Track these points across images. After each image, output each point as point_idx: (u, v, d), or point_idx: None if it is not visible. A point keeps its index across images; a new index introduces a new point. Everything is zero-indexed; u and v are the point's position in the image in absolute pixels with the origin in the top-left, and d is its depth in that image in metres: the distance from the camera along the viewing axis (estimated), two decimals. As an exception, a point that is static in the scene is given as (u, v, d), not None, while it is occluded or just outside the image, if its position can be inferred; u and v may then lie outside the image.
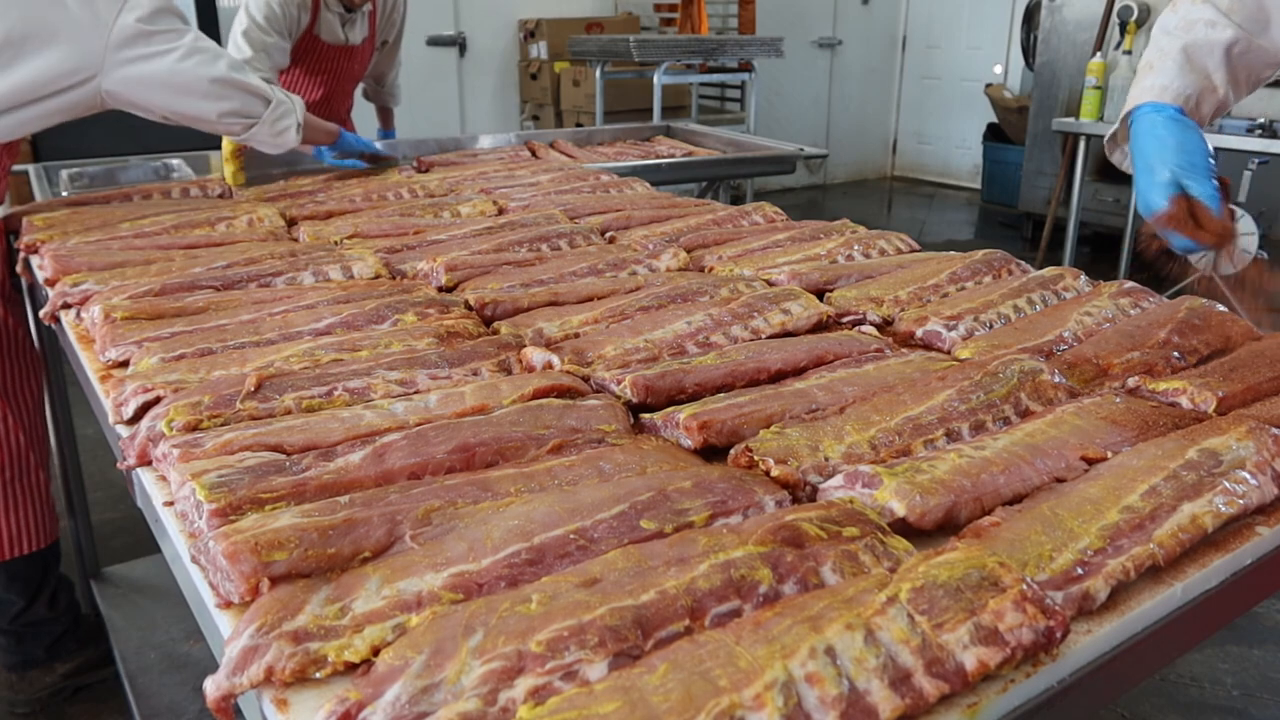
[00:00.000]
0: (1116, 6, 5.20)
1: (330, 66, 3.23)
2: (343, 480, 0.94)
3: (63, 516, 2.54)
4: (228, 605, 0.80)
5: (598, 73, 6.03)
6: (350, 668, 0.72)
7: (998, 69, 8.27)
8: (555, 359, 1.27)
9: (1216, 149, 5.42)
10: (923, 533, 0.91)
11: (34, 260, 1.77)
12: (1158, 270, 1.56)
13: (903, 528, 0.90)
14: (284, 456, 0.98)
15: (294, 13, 2.95)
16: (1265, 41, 1.48)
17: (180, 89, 1.90)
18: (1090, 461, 1.03)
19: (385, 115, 3.81)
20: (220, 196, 2.27)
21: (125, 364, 1.29)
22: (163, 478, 1.01)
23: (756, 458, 1.01)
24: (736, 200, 5.65)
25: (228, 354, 1.27)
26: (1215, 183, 1.37)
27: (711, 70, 6.26)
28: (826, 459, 1.02)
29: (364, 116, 3.70)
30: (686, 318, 1.41)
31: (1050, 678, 0.76)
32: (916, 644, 0.71)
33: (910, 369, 1.26)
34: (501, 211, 2.18)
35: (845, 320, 1.50)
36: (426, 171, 2.78)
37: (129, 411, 1.14)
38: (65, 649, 2.34)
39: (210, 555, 0.81)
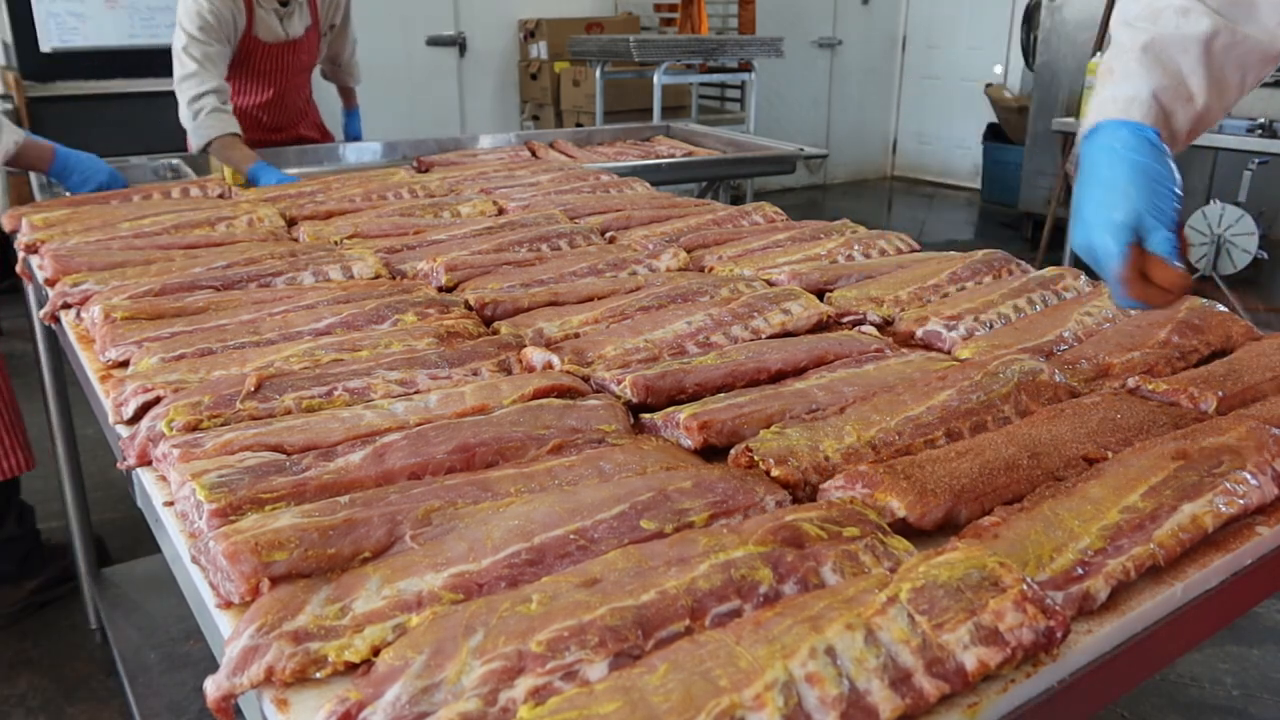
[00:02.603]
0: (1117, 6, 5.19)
1: (275, 65, 3.13)
2: (343, 480, 0.94)
3: (63, 517, 2.55)
4: (228, 605, 0.80)
5: (598, 73, 6.03)
6: (350, 668, 0.72)
7: (998, 69, 8.27)
8: (555, 359, 1.27)
9: (1216, 149, 5.40)
10: (923, 533, 0.91)
11: (34, 260, 1.77)
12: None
13: (903, 528, 0.90)
14: (284, 456, 0.98)
15: (228, 16, 2.87)
16: (1253, 29, 1.15)
17: None
18: (1090, 461, 1.03)
19: (347, 95, 3.72)
20: (220, 196, 2.27)
21: (125, 364, 1.29)
22: (163, 478, 1.01)
23: (756, 458, 1.01)
24: (736, 200, 5.65)
25: (228, 354, 1.27)
26: (1174, 233, 1.07)
27: (711, 70, 6.25)
28: (826, 459, 1.02)
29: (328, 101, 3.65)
30: (686, 318, 1.41)
31: (1050, 678, 0.76)
32: (917, 644, 0.71)
33: (910, 369, 1.26)
34: (501, 211, 2.18)
35: (845, 320, 1.50)
36: (426, 171, 2.78)
37: (129, 411, 1.14)
38: (32, 566, 2.58)
39: (210, 555, 0.81)
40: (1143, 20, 1.17)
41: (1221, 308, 1.47)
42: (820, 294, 1.59)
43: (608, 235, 1.99)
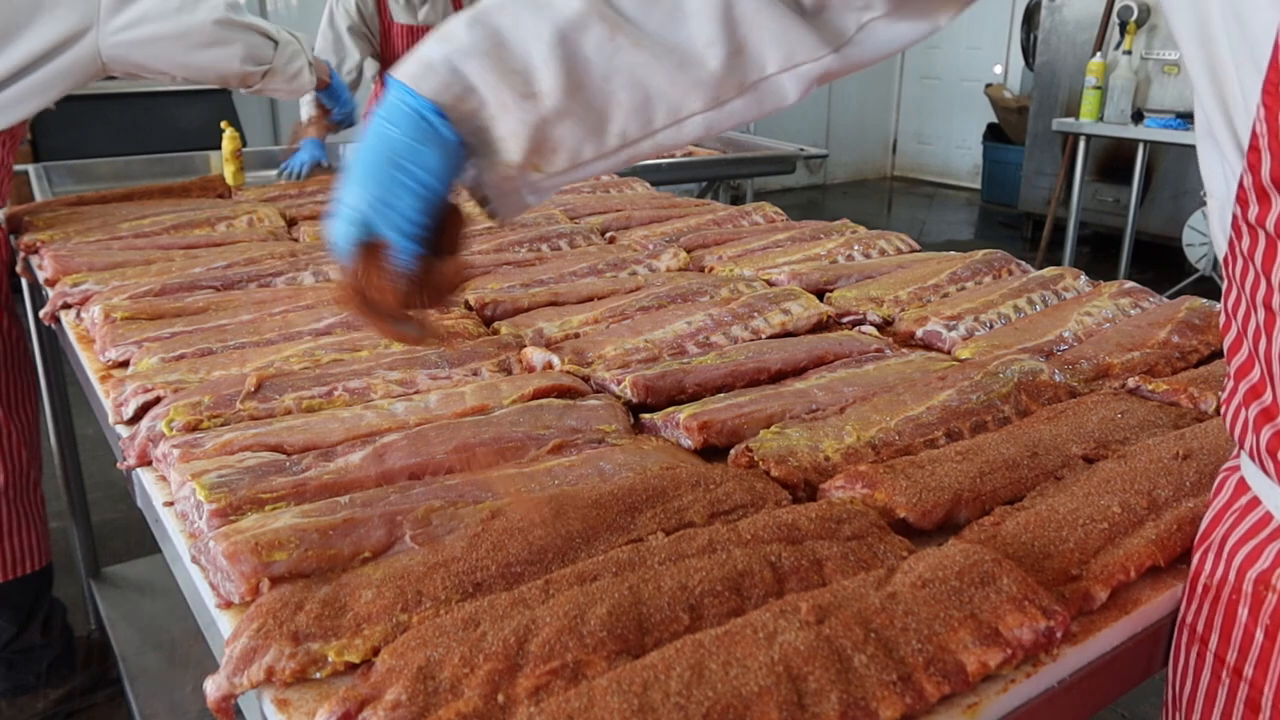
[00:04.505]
0: (1116, 6, 5.20)
1: (404, 46, 3.32)
2: (343, 480, 0.94)
3: (63, 517, 2.54)
4: (228, 605, 0.80)
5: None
6: (350, 668, 0.72)
7: (998, 69, 8.27)
8: (555, 359, 1.27)
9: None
10: (923, 533, 0.91)
11: (34, 260, 1.77)
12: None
13: (903, 528, 0.90)
14: (284, 456, 0.98)
15: (369, 7, 3.17)
16: (663, 45, 0.81)
17: (186, 42, 1.84)
18: (1090, 461, 1.03)
19: None
20: (220, 196, 2.27)
21: (125, 364, 1.29)
22: (163, 478, 1.01)
23: (756, 458, 1.01)
24: (736, 200, 5.64)
25: (228, 354, 1.27)
26: (421, 231, 0.78)
27: (711, 70, 6.24)
28: (826, 459, 1.02)
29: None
30: (686, 318, 1.41)
31: (1050, 678, 0.76)
32: (916, 644, 0.71)
33: (910, 369, 1.26)
34: (501, 211, 2.18)
35: (845, 320, 1.50)
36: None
37: (129, 411, 1.14)
38: (58, 675, 2.29)
39: (210, 555, 0.81)
40: None
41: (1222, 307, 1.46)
42: (820, 294, 1.59)
43: (608, 235, 1.99)
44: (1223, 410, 0.77)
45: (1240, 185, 0.65)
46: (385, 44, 3.28)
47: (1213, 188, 0.70)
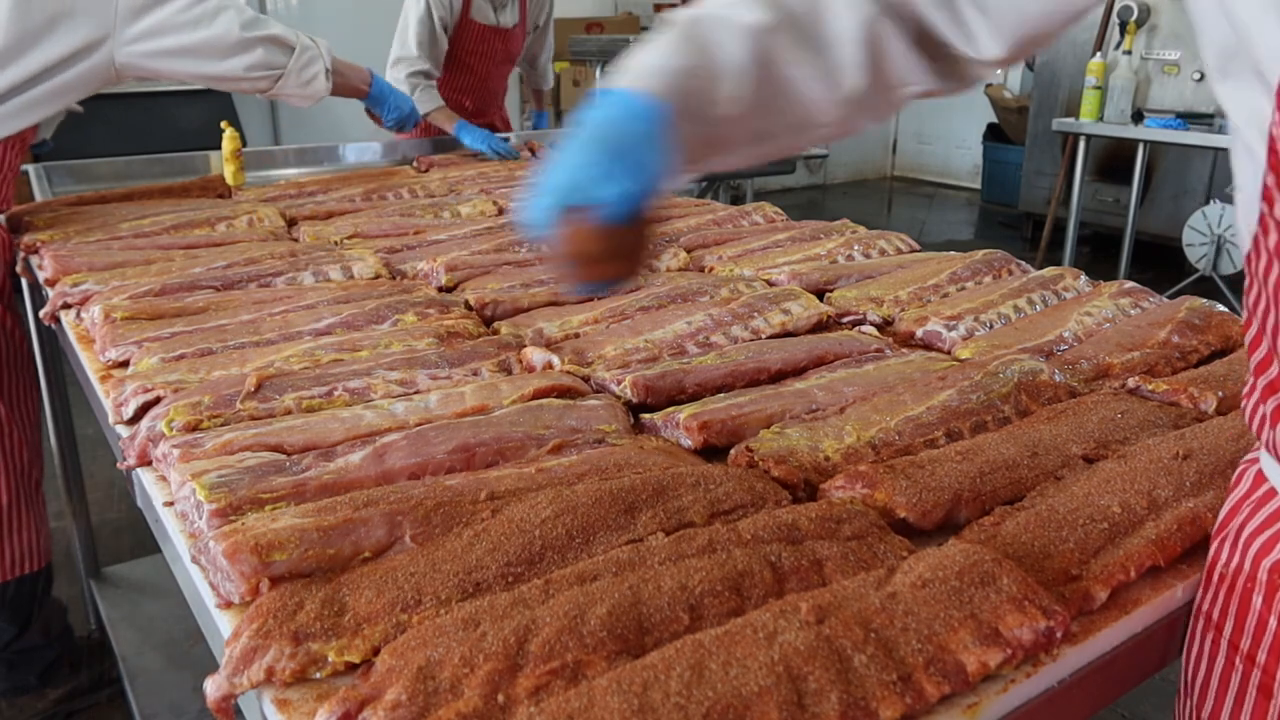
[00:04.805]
0: (1116, 6, 5.19)
1: (483, 50, 3.43)
2: (343, 480, 0.94)
3: (63, 517, 2.54)
4: (228, 605, 0.80)
5: (598, 73, 6.02)
6: (350, 668, 0.72)
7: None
8: (555, 359, 1.27)
9: (1216, 149, 5.37)
10: (923, 533, 0.91)
11: (34, 260, 1.77)
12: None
13: (903, 528, 0.90)
14: (284, 456, 0.98)
15: (454, 3, 3.26)
16: (819, 60, 0.95)
17: (202, 54, 1.84)
18: (1090, 461, 1.03)
19: (538, 96, 4.05)
20: (220, 196, 2.27)
21: (125, 364, 1.29)
22: (163, 478, 1.01)
23: (757, 458, 1.01)
24: (736, 200, 5.64)
25: (228, 354, 1.27)
26: (633, 204, 0.87)
27: (711, 70, 6.24)
28: (826, 459, 1.02)
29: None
30: (687, 318, 1.41)
31: (1050, 678, 0.76)
32: (916, 644, 0.71)
33: (910, 369, 1.26)
34: (501, 211, 2.18)
35: (845, 320, 1.50)
36: (426, 171, 2.78)
37: (129, 411, 1.14)
38: (58, 675, 2.28)
39: (210, 555, 0.81)
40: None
41: (1221, 308, 1.46)
42: (820, 294, 1.59)
43: (608, 235, 1.99)
44: (1242, 404, 0.80)
45: (1264, 183, 0.67)
46: (458, 41, 3.36)
47: (1241, 182, 0.72)
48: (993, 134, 7.67)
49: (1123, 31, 5.05)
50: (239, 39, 1.88)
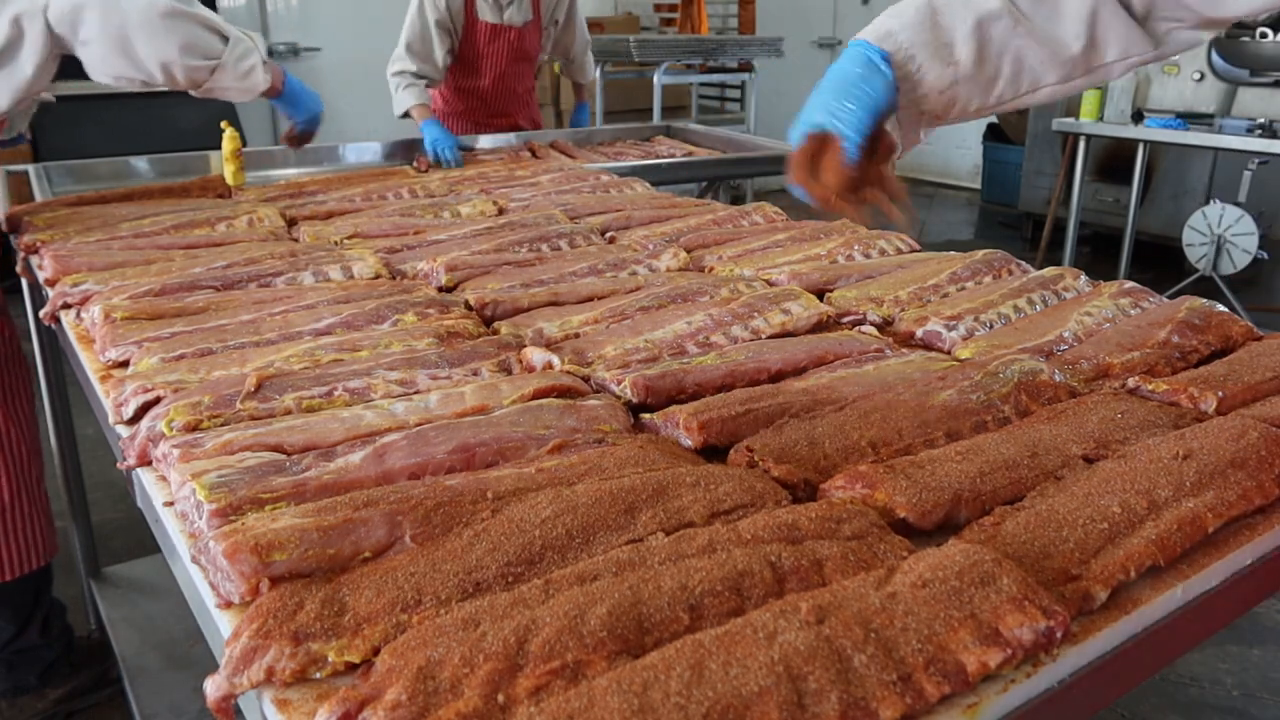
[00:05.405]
0: (1116, 6, 5.19)
1: (496, 49, 3.43)
2: (343, 480, 0.94)
3: (63, 517, 2.54)
4: (228, 605, 0.80)
5: (598, 73, 6.03)
6: (350, 668, 0.72)
7: (998, 69, 8.26)
8: (555, 359, 1.27)
9: (1216, 149, 5.37)
10: (923, 533, 0.91)
11: (34, 260, 1.77)
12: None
13: (903, 528, 0.90)
14: (284, 457, 0.98)
15: (457, 4, 3.27)
16: (1047, 29, 1.13)
17: (122, 21, 1.74)
18: (1090, 461, 1.03)
19: (578, 89, 4.05)
20: (220, 196, 2.27)
21: (125, 364, 1.29)
22: (163, 478, 1.01)
23: (757, 457, 1.01)
24: (736, 200, 5.64)
25: (228, 354, 1.27)
26: (864, 132, 1.11)
27: (711, 70, 6.25)
28: (826, 459, 1.02)
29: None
30: (686, 318, 1.41)
31: (1050, 678, 0.76)
32: (916, 644, 0.71)
33: (910, 369, 1.26)
34: (501, 211, 2.18)
35: (845, 320, 1.50)
36: (426, 171, 2.79)
37: (129, 411, 1.14)
38: (58, 675, 2.27)
39: (210, 555, 0.81)
40: None
41: (1221, 308, 1.46)
42: (820, 294, 1.59)
43: (608, 235, 1.99)
44: None
45: None
46: (467, 41, 3.36)
47: None
48: (993, 134, 7.67)
49: (1123, 31, 5.03)
50: (169, 8, 1.78)
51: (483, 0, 3.32)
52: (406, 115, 3.29)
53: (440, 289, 1.60)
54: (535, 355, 1.29)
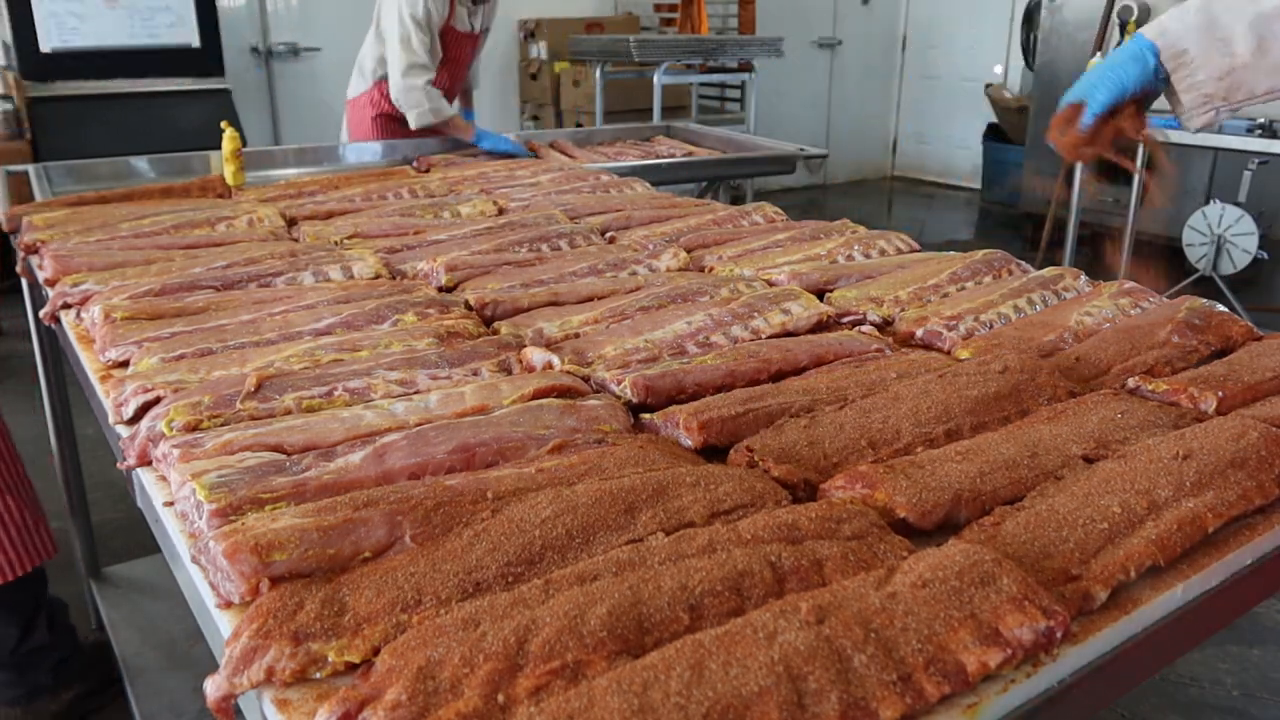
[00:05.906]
0: (1116, 6, 5.19)
1: (457, 54, 3.53)
2: (343, 480, 0.94)
3: (63, 517, 2.54)
4: (228, 605, 0.80)
5: (598, 73, 6.03)
6: (350, 668, 0.72)
7: (998, 69, 8.27)
8: (555, 359, 1.27)
9: (1216, 149, 5.38)
10: (923, 533, 0.91)
11: (34, 260, 1.77)
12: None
13: (903, 528, 0.90)
14: (284, 456, 0.98)
15: (439, 9, 3.31)
16: None
17: None
18: (1090, 461, 1.03)
19: (466, 97, 4.10)
20: (220, 196, 2.27)
21: (125, 364, 1.29)
22: (163, 478, 1.01)
23: (756, 457, 1.01)
24: (736, 200, 5.64)
25: (228, 354, 1.27)
26: (1103, 107, 1.44)
27: (711, 70, 6.25)
28: (826, 459, 1.02)
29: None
30: (686, 318, 1.41)
31: (1050, 678, 0.76)
32: (916, 644, 0.71)
33: (910, 369, 1.26)
34: (501, 211, 2.18)
35: (845, 320, 1.50)
36: (426, 171, 2.79)
37: (129, 411, 1.14)
38: (69, 672, 2.26)
39: (210, 555, 0.81)
40: None
41: (1221, 308, 1.46)
42: (820, 294, 1.59)
43: (608, 235, 1.99)
44: None
45: None
46: (439, 43, 3.43)
47: None
48: (993, 134, 7.67)
49: (1123, 31, 5.04)
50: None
51: (461, 9, 3.41)
52: (429, 128, 3.29)
53: (440, 289, 1.60)
54: (535, 355, 1.29)
